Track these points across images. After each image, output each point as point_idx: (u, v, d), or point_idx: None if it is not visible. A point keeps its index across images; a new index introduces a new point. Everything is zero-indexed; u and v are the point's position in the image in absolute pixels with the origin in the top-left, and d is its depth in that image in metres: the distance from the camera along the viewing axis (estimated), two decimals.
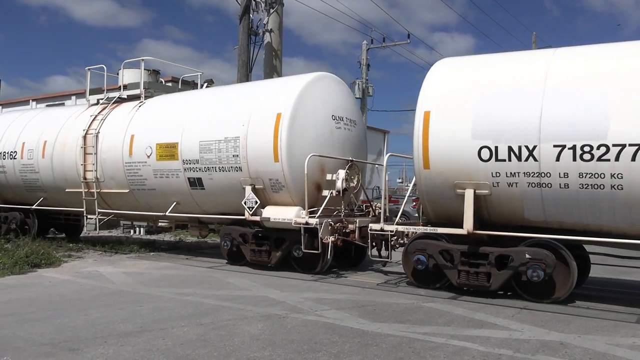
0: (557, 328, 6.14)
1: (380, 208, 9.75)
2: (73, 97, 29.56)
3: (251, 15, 16.91)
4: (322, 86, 10.23)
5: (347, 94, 10.98)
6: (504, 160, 7.61)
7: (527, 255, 7.56)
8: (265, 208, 9.92)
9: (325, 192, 9.65)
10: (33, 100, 33.04)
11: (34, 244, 11.51)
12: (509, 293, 8.12)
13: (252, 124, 9.87)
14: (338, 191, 9.58)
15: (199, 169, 10.52)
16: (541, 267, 7.42)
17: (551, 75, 7.57)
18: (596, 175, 7.11)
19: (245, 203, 9.95)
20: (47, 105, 27.66)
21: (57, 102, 29.13)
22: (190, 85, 14.46)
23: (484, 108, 7.81)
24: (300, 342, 5.44)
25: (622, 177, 6.95)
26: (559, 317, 6.67)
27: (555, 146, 7.27)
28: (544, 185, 7.45)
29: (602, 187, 7.09)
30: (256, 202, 9.85)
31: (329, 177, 9.72)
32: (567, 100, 7.33)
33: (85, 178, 12.18)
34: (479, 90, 7.99)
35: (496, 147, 7.63)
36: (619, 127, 6.90)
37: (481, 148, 7.72)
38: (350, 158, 10.10)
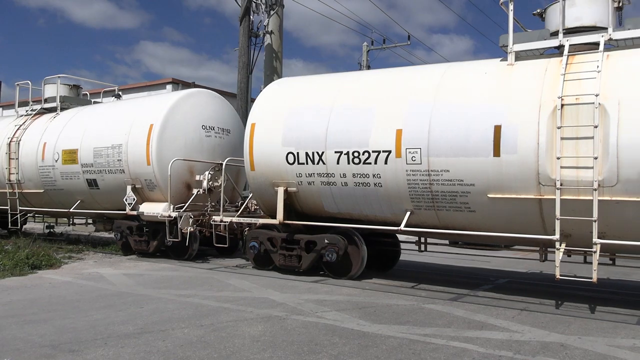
0: (558, 329, 6.16)
1: (255, 204, 11.16)
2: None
3: (251, 17, 16.93)
4: (194, 101, 11.93)
5: (221, 106, 12.47)
6: (304, 164, 9.13)
7: (326, 241, 9.23)
8: (143, 204, 11.54)
9: (194, 191, 11.19)
10: (33, 102, 33.38)
11: (35, 245, 11.48)
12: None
13: (131, 134, 11.52)
14: (204, 190, 11.07)
15: (94, 172, 12.28)
16: (335, 250, 9.08)
17: (338, 98, 9.12)
18: (364, 175, 8.57)
19: (126, 200, 11.62)
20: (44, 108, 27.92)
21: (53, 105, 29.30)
22: (111, 96, 15.75)
23: (291, 121, 9.35)
24: (300, 344, 5.44)
25: (380, 177, 8.43)
26: (559, 319, 6.70)
27: (335, 152, 8.77)
28: (331, 183, 8.97)
29: (368, 184, 8.59)
30: (134, 199, 11.51)
31: (197, 177, 11.22)
32: (344, 117, 8.83)
33: (9, 180, 14.14)
34: (289, 107, 9.51)
35: (298, 153, 9.15)
36: (376, 137, 8.37)
37: (288, 153, 9.25)
38: (218, 161, 11.36)
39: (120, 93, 15.42)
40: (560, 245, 7.28)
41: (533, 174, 7.25)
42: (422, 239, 9.51)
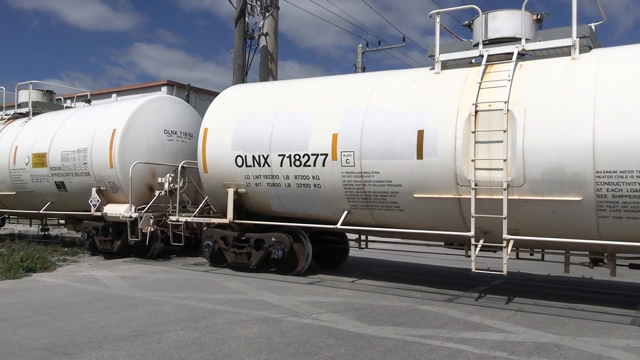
0: (552, 330, 6.21)
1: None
2: (67, 101, 29.95)
3: (247, 19, 16.99)
4: (157, 106, 12.49)
5: (184, 111, 13.04)
6: (251, 166, 9.67)
7: (273, 239, 9.73)
8: (107, 205, 12.05)
9: (156, 193, 11.65)
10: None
11: (29, 248, 11.66)
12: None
13: (96, 138, 12.08)
14: (166, 191, 11.48)
15: (62, 174, 12.75)
16: (281, 248, 9.60)
17: (282, 104, 9.66)
18: (304, 177, 9.12)
19: (90, 201, 12.14)
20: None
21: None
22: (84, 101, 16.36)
23: (240, 126, 9.90)
24: (296, 346, 5.44)
25: (319, 178, 8.98)
26: (553, 319, 6.75)
27: (279, 155, 9.32)
28: (276, 185, 9.51)
29: (309, 186, 9.14)
30: (98, 201, 12.06)
31: (159, 180, 11.62)
32: (287, 122, 9.36)
33: None
34: (239, 113, 10.09)
35: (246, 156, 9.71)
36: (315, 140, 8.93)
37: (237, 156, 9.80)
38: (175, 164, 11.84)
39: (90, 98, 15.89)
40: (478, 242, 7.85)
41: (452, 175, 7.81)
42: (363, 237, 10.09)
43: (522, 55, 8.25)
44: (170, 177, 11.68)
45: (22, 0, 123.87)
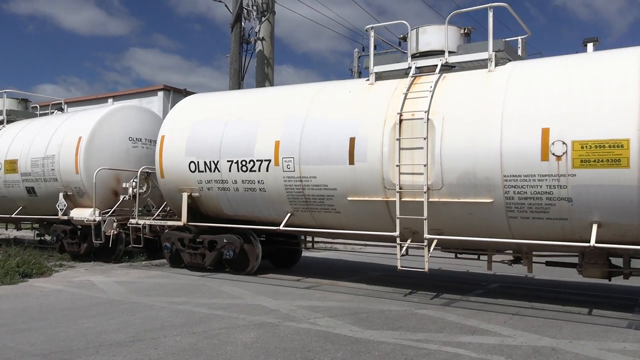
0: (549, 333, 6.23)
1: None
2: (64, 106, 29.92)
3: (243, 24, 17.20)
4: (122, 114, 13.06)
5: (149, 119, 13.51)
6: (203, 171, 10.28)
7: (225, 240, 10.29)
8: (73, 209, 12.60)
9: (121, 197, 12.19)
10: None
11: (25, 253, 11.75)
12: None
13: (63, 145, 12.64)
14: (130, 196, 11.97)
15: (32, 180, 13.37)
16: (232, 248, 10.19)
17: (232, 113, 10.30)
18: (251, 182, 9.72)
19: (58, 206, 12.70)
20: (41, 113, 28.15)
21: (47, 111, 29.45)
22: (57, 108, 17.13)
23: (193, 134, 10.51)
24: (293, 351, 5.46)
25: (264, 183, 9.58)
26: (550, 323, 6.78)
27: (228, 161, 9.93)
28: (226, 189, 10.09)
29: (255, 190, 9.74)
30: (65, 205, 12.60)
31: (124, 185, 12.13)
32: (236, 130, 10.00)
33: None
34: (192, 121, 10.70)
35: (198, 162, 10.31)
36: (259, 147, 9.56)
37: (190, 162, 10.42)
38: (135, 170, 12.29)
39: (63, 107, 16.42)
40: (407, 241, 8.43)
41: (379, 180, 8.39)
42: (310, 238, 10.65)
43: (452, 67, 8.85)
44: (134, 182, 12.25)
45: (17, 5, 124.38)
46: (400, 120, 8.23)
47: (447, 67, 8.79)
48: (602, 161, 6.81)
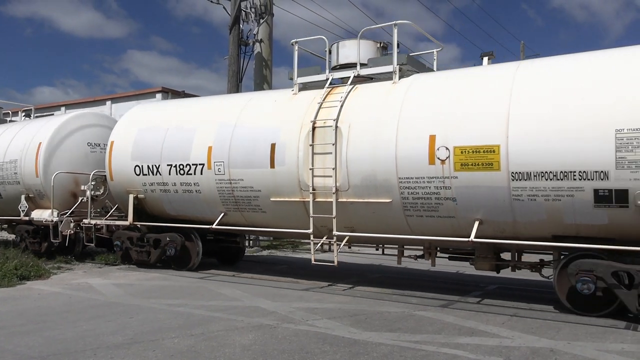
0: (547, 335, 6.26)
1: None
2: (62, 108, 29.56)
3: (241, 26, 17.30)
4: (81, 121, 13.83)
5: (108, 125, 13.99)
6: (147, 175, 11.08)
7: (168, 238, 11.04)
8: (34, 211, 13.38)
9: (79, 199, 12.91)
10: (22, 111, 33.22)
11: (23, 256, 11.81)
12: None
13: (25, 150, 13.44)
14: (87, 198, 12.62)
15: None
16: (174, 246, 10.90)
17: (173, 120, 11.07)
18: (188, 184, 10.52)
19: (20, 207, 13.50)
20: (35, 116, 28.43)
21: (46, 114, 28.48)
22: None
23: (138, 140, 11.29)
24: (291, 352, 5.47)
25: (199, 185, 10.36)
26: (549, 324, 6.83)
27: (167, 165, 10.71)
28: (167, 191, 10.88)
29: (192, 191, 10.53)
30: (26, 207, 13.42)
31: (82, 187, 12.85)
32: (175, 136, 10.76)
33: None
34: (138, 128, 11.48)
35: (142, 166, 11.12)
36: (195, 152, 10.41)
37: (135, 166, 11.21)
38: (94, 173, 12.75)
39: (30, 113, 17.20)
40: (322, 238, 9.21)
41: (296, 182, 9.18)
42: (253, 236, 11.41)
43: (371, 79, 9.63)
44: (91, 185, 13.04)
45: (15, 8, 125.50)
46: (314, 128, 9.02)
47: (368, 79, 9.57)
48: (478, 165, 7.60)
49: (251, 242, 11.96)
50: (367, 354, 5.44)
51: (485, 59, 8.90)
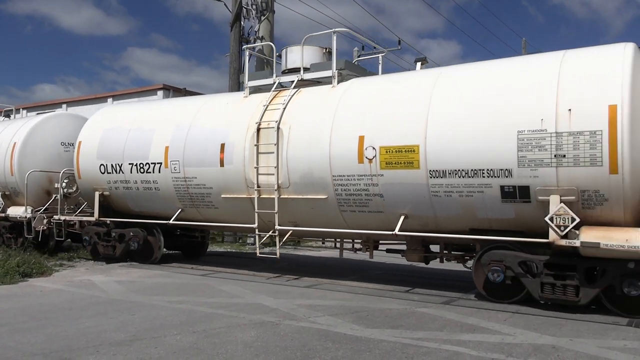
0: (549, 332, 6.27)
1: None
2: (64, 105, 29.50)
3: (242, 23, 17.42)
4: (55, 122, 14.50)
5: (81, 125, 14.11)
6: (111, 173, 11.74)
7: (131, 233, 11.64)
8: (10, 207, 14.04)
9: (53, 196, 13.51)
10: (23, 109, 31.44)
11: (26, 253, 11.94)
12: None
13: (2, 150, 14.02)
14: (61, 195, 13.20)
15: None
16: (137, 240, 11.58)
17: (135, 121, 11.65)
18: (148, 182, 11.16)
19: None
20: (37, 114, 27.84)
21: (47, 111, 27.64)
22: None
23: (103, 140, 11.96)
24: (293, 349, 5.48)
25: (157, 183, 11.01)
26: (550, 321, 6.84)
27: (129, 164, 11.38)
28: (129, 188, 11.52)
29: (151, 189, 11.16)
30: (2, 204, 14.11)
31: (56, 185, 13.40)
32: (136, 136, 11.39)
33: None
34: (103, 129, 12.14)
35: (107, 164, 11.76)
36: (153, 152, 10.95)
37: (100, 165, 11.88)
38: (64, 171, 13.30)
39: (10, 114, 17.80)
40: (268, 232, 9.82)
41: (243, 179, 9.80)
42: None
43: (318, 82, 10.21)
44: (64, 183, 13.69)
45: (15, 5, 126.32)
46: (258, 129, 9.64)
47: (316, 82, 10.14)
48: (400, 163, 8.20)
49: (207, 237, 12.53)
50: (369, 351, 5.46)
51: (419, 64, 9.49)
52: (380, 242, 9.96)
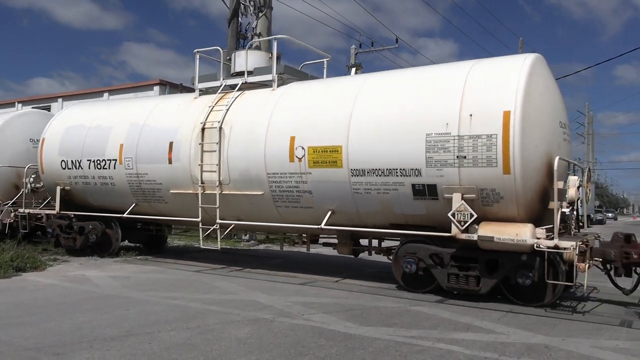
0: (542, 331, 6.30)
1: None
2: (60, 100, 29.51)
3: (240, 19, 17.47)
4: (24, 120, 15.16)
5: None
6: (72, 169, 12.34)
7: (90, 226, 12.14)
8: None
9: (22, 191, 13.99)
10: (19, 102, 31.94)
11: (19, 247, 11.92)
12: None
13: None
14: (29, 189, 13.86)
15: None
16: (95, 233, 12.18)
17: (94, 119, 12.27)
18: (104, 177, 11.82)
19: None
20: (32, 108, 26.70)
21: (43, 105, 28.66)
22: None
23: (65, 137, 12.57)
24: (287, 346, 5.48)
25: (113, 178, 11.63)
26: (543, 320, 6.88)
27: (88, 160, 12.04)
28: (88, 183, 12.17)
29: (107, 184, 11.85)
30: None
31: (24, 180, 13.93)
32: (94, 134, 12.01)
33: None
34: (65, 127, 12.75)
35: (67, 160, 12.37)
36: (109, 149, 11.65)
37: (62, 161, 12.46)
38: (29, 167, 13.75)
39: None
40: (213, 226, 10.45)
41: (189, 176, 10.42)
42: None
43: (265, 85, 10.82)
44: (32, 178, 14.28)
45: None
46: (203, 129, 10.26)
47: (263, 85, 10.74)
48: (326, 162, 8.84)
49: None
50: (363, 349, 5.48)
51: (353, 70, 10.13)
52: (319, 236, 10.59)
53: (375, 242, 9.92)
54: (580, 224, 9.22)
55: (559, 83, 9.02)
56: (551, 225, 7.46)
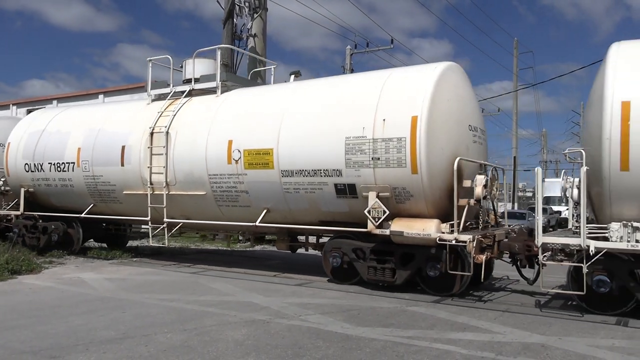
0: (539, 330, 6.31)
1: None
2: (55, 101, 29.29)
3: (235, 20, 17.42)
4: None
5: None
6: (34, 171, 13.00)
7: (52, 226, 12.84)
8: None
9: None
10: (13, 104, 31.98)
11: (14, 250, 11.79)
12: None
13: None
14: (1, 192, 14.54)
15: None
16: (57, 232, 12.70)
17: (54, 124, 12.97)
18: (64, 179, 12.42)
19: None
20: (27, 110, 27.44)
21: (37, 107, 27.36)
22: None
23: (28, 141, 13.25)
24: (284, 347, 5.48)
25: (72, 180, 12.28)
26: (540, 320, 6.89)
27: (49, 163, 12.66)
28: (49, 185, 12.74)
29: (67, 186, 12.38)
30: None
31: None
32: (54, 138, 12.64)
33: None
34: (29, 132, 13.41)
35: (30, 164, 13.05)
36: (68, 152, 12.24)
37: (25, 164, 13.19)
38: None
39: None
40: (162, 225, 11.07)
41: (139, 178, 11.05)
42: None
43: (213, 92, 11.43)
44: (1, 181, 14.88)
45: (4, 1, 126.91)
46: (152, 133, 10.90)
47: (212, 92, 11.34)
48: (259, 164, 9.49)
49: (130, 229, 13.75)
50: (359, 349, 5.48)
51: (292, 77, 10.78)
52: (265, 235, 11.24)
53: (313, 239, 10.57)
54: (501, 219, 9.92)
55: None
56: (459, 221, 8.12)
